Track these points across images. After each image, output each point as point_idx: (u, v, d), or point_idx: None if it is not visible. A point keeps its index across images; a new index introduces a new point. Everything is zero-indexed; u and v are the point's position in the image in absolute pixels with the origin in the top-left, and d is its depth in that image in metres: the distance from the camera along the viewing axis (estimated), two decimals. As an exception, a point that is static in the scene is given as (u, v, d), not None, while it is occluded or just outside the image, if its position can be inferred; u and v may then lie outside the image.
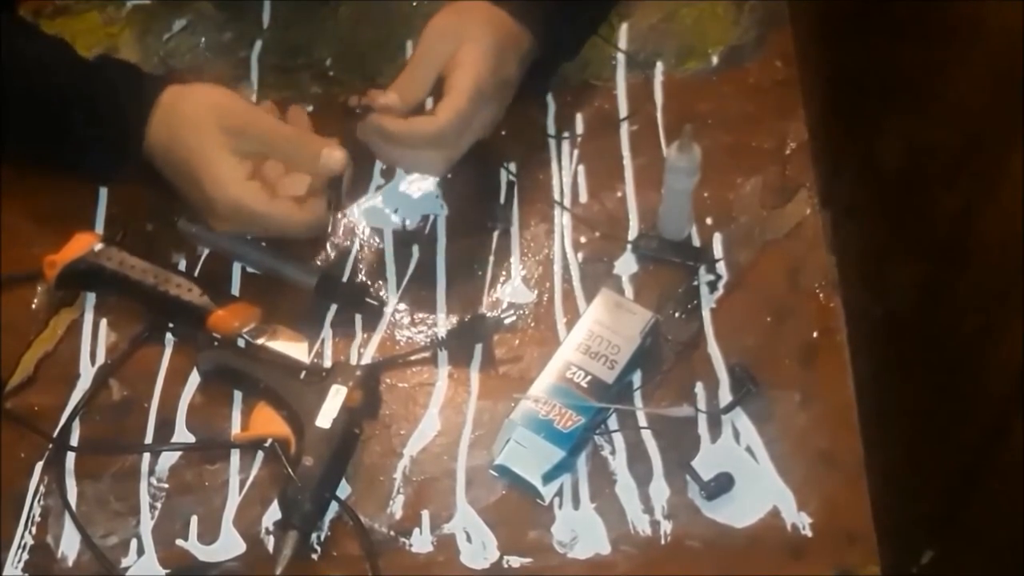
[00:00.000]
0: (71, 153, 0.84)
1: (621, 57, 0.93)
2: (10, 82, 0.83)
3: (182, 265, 0.87)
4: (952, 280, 1.06)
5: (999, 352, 0.98)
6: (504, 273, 0.86)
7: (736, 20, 0.94)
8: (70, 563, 0.78)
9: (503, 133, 0.88)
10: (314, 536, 0.77)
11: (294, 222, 0.81)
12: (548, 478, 0.76)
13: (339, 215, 0.87)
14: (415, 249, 0.87)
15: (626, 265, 0.85)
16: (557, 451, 0.76)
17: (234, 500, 0.79)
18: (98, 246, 0.84)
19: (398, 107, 0.80)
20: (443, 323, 0.84)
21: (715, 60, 0.93)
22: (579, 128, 0.91)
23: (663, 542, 0.76)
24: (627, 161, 0.89)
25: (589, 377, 0.78)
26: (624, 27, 0.95)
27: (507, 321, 0.83)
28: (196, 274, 0.86)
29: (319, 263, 0.87)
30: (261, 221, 0.81)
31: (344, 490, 0.78)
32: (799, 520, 0.76)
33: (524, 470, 0.76)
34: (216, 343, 0.83)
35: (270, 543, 0.77)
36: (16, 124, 0.84)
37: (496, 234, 0.87)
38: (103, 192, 0.90)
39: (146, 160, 0.83)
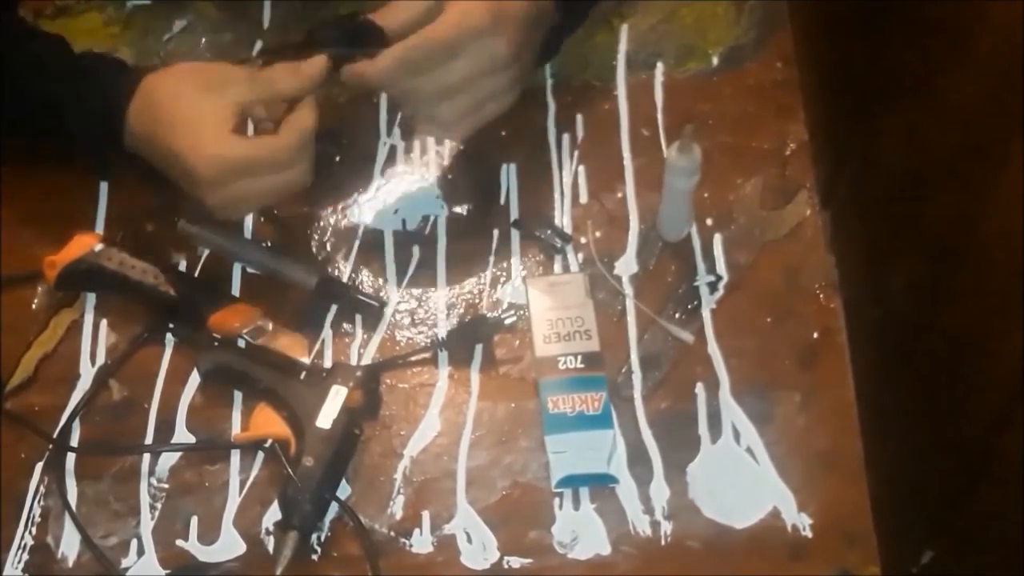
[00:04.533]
0: (66, 149, 0.84)
1: (621, 57, 0.93)
2: (7, 80, 0.83)
3: (182, 265, 0.87)
4: (952, 280, 1.06)
5: (999, 352, 0.98)
6: (504, 273, 0.86)
7: (736, 20, 0.94)
8: (70, 563, 0.78)
9: (503, 133, 0.88)
10: (314, 536, 0.77)
11: (278, 149, 0.77)
12: (610, 460, 0.77)
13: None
14: (415, 249, 0.87)
15: (626, 265, 0.85)
16: (606, 433, 0.77)
17: (234, 500, 0.79)
18: (98, 246, 0.84)
19: (371, 82, 0.79)
20: (443, 323, 0.84)
21: (715, 60, 0.93)
22: (579, 128, 0.91)
23: (663, 542, 0.76)
24: (627, 161, 0.89)
25: (580, 356, 0.79)
26: (624, 27, 0.95)
27: (507, 321, 0.83)
28: (196, 274, 0.86)
29: (319, 263, 0.86)
30: (247, 167, 0.77)
31: (344, 490, 0.78)
32: (799, 520, 0.76)
33: (586, 467, 0.77)
34: (216, 343, 0.83)
35: (270, 543, 0.77)
36: (13, 120, 0.84)
37: (496, 234, 0.87)
38: (103, 192, 0.90)
39: (135, 153, 0.82)
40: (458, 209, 0.88)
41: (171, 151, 0.78)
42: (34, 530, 0.79)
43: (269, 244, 0.88)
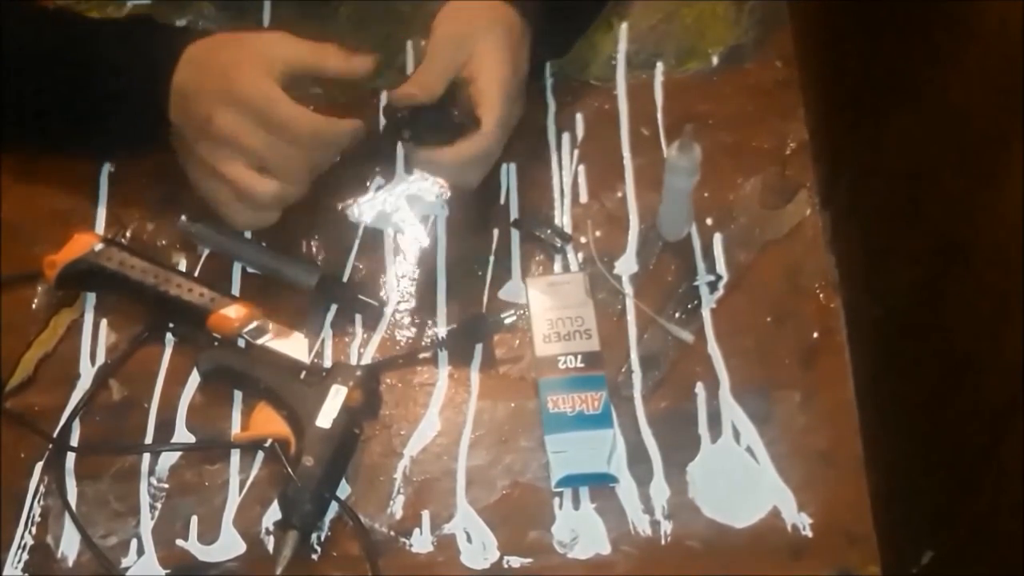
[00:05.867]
0: (92, 114, 0.83)
1: (621, 57, 0.93)
2: (24, 49, 0.82)
3: (182, 265, 0.87)
4: (952, 280, 1.06)
5: (999, 352, 0.98)
6: (504, 273, 0.86)
7: (736, 20, 0.94)
8: (70, 563, 0.78)
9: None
10: (314, 536, 0.77)
11: (307, 122, 0.78)
12: (610, 460, 0.77)
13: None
14: (415, 249, 0.87)
15: (626, 265, 0.85)
16: (606, 432, 0.77)
17: (234, 500, 0.79)
18: (98, 246, 0.84)
19: (419, 98, 0.79)
20: (443, 323, 0.84)
21: (715, 60, 0.93)
22: (579, 128, 0.91)
23: (663, 542, 0.76)
24: (627, 161, 0.89)
25: (580, 355, 0.79)
26: (624, 27, 0.95)
27: (507, 321, 0.83)
28: (196, 274, 0.86)
29: (319, 263, 0.87)
30: (271, 110, 0.77)
31: (344, 490, 0.78)
32: (799, 520, 0.76)
33: (586, 467, 0.77)
34: (216, 343, 0.83)
35: (270, 543, 0.77)
36: (31, 96, 0.83)
37: (496, 234, 0.87)
38: (103, 192, 0.90)
39: (169, 109, 0.80)
40: (458, 209, 0.88)
41: (217, 65, 0.77)
42: (34, 530, 0.79)
43: (269, 244, 0.87)
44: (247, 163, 0.78)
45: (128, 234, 0.88)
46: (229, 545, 0.78)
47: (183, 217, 0.87)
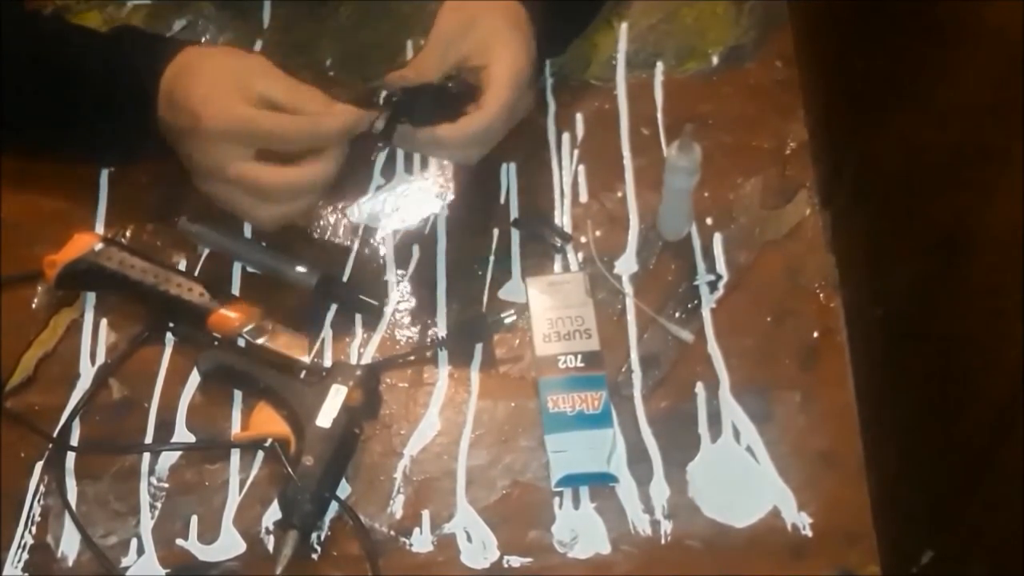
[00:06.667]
0: (84, 123, 0.83)
1: (621, 57, 0.93)
2: (19, 57, 0.83)
3: (182, 265, 0.87)
4: (952, 280, 1.06)
5: (999, 352, 0.98)
6: (504, 273, 0.86)
7: (736, 20, 0.94)
8: (70, 563, 0.78)
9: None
10: (314, 536, 0.77)
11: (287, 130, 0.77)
12: (610, 459, 0.77)
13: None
14: (415, 249, 0.87)
15: (626, 264, 0.85)
16: (606, 432, 0.77)
17: (234, 500, 0.79)
18: (98, 246, 0.84)
19: (413, 81, 0.79)
20: (443, 323, 0.84)
21: (715, 60, 0.93)
22: (579, 128, 0.91)
23: (663, 542, 0.76)
24: (627, 161, 0.89)
25: (580, 355, 0.80)
26: (624, 27, 0.95)
27: (507, 321, 0.83)
28: (196, 274, 0.86)
29: (319, 263, 0.86)
30: (250, 132, 0.76)
31: (344, 490, 0.78)
32: (799, 520, 0.76)
33: (586, 466, 0.77)
34: (216, 343, 0.83)
35: (270, 543, 0.77)
36: (26, 102, 0.83)
37: (496, 233, 0.87)
38: (103, 192, 0.90)
39: (162, 127, 0.80)
40: (458, 209, 0.88)
41: (187, 104, 0.77)
42: (34, 529, 0.79)
43: (269, 244, 0.87)
44: (248, 155, 0.77)
45: (128, 234, 0.88)
46: (229, 545, 0.78)
47: (183, 217, 0.87)
